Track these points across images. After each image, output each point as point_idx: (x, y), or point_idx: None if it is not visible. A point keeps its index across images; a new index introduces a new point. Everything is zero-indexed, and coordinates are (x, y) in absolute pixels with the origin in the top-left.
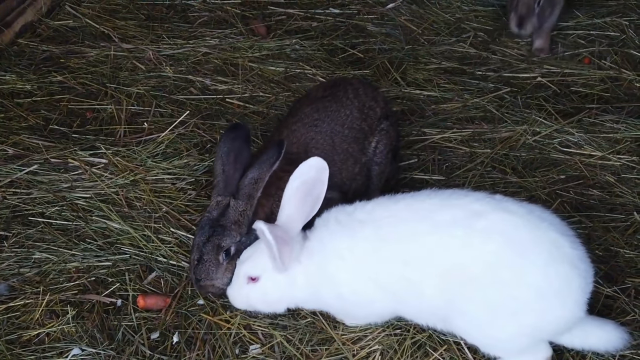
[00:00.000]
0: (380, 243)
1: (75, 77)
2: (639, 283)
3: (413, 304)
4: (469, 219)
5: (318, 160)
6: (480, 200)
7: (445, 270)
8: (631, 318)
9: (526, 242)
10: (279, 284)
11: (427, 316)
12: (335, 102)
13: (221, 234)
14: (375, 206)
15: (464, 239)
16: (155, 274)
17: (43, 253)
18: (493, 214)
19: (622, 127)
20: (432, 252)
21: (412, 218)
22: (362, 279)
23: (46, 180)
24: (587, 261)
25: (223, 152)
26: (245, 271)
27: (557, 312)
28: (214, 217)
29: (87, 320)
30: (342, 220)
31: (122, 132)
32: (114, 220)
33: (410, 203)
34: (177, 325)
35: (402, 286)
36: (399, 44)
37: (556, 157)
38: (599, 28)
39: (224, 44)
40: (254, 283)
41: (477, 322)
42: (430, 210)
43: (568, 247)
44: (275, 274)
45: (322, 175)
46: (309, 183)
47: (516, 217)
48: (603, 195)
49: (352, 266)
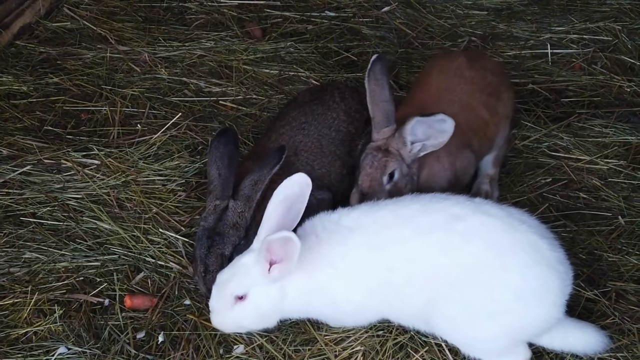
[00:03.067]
0: (370, 250)
1: (71, 78)
2: (620, 286)
3: (400, 307)
4: (450, 222)
5: (302, 177)
6: (460, 203)
7: (428, 272)
8: (611, 321)
9: (505, 244)
10: (270, 296)
11: (411, 318)
12: (322, 106)
13: (220, 242)
14: (361, 213)
15: (445, 241)
16: (143, 274)
17: (33, 253)
18: (473, 216)
19: (611, 132)
20: (417, 256)
21: (397, 224)
22: (355, 286)
23: (39, 180)
24: (566, 263)
25: (217, 156)
26: (231, 291)
27: (536, 313)
28: (210, 225)
29: (74, 319)
30: (330, 228)
31: (115, 133)
32: (104, 221)
33: (395, 209)
34: (163, 325)
35: (390, 291)
36: (393, 47)
37: (544, 160)
38: (592, 32)
39: (219, 47)
40: (242, 302)
41: (457, 323)
42: (413, 216)
43: (547, 250)
44: (264, 287)
45: (304, 191)
46: (292, 199)
47: (495, 220)
48: (589, 198)
49: (344, 274)
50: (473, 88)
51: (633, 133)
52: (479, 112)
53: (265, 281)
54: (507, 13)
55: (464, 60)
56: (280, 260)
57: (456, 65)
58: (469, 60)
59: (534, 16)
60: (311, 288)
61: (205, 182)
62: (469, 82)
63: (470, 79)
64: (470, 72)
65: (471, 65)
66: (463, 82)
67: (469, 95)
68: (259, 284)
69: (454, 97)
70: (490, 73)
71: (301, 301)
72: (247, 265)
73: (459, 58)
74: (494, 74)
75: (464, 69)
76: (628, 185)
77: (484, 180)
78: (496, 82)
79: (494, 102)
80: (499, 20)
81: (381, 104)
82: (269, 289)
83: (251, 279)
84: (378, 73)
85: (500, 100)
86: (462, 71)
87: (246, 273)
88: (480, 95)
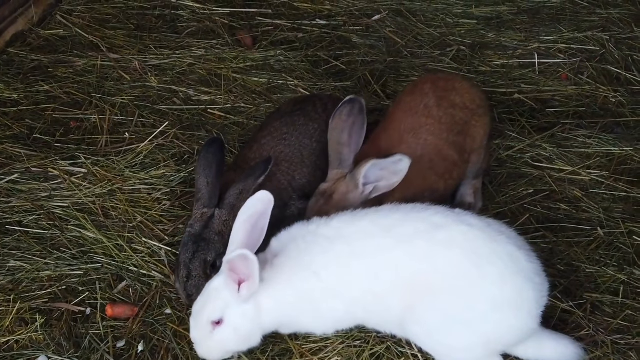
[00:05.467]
0: (352, 259)
1: (62, 86)
2: (596, 298)
3: (379, 314)
4: (431, 230)
5: (264, 194)
6: (440, 213)
7: (409, 280)
8: (585, 333)
9: (483, 254)
10: (246, 315)
11: (388, 325)
12: (304, 117)
13: (205, 248)
14: (341, 222)
15: (426, 249)
16: (126, 283)
17: (17, 261)
18: (453, 226)
19: (594, 143)
20: (398, 265)
21: (378, 233)
22: (339, 295)
23: (26, 189)
24: (543, 274)
25: (205, 165)
26: (207, 317)
27: (512, 323)
28: (197, 231)
29: (55, 328)
30: (309, 239)
31: (103, 141)
32: (89, 230)
33: (375, 219)
34: (143, 334)
35: (372, 299)
36: (382, 56)
37: (527, 171)
38: (580, 42)
39: (209, 55)
40: (220, 326)
41: (433, 330)
42: (394, 225)
43: (524, 261)
44: (239, 307)
45: (267, 209)
46: (256, 216)
47: (475, 230)
48: (570, 210)
49: (327, 283)
50: (441, 128)
51: (616, 144)
52: (446, 154)
53: (238, 301)
54: (497, 22)
55: (433, 99)
56: (247, 278)
57: (424, 104)
58: (438, 99)
59: (523, 25)
60: (293, 299)
61: (191, 191)
62: (437, 121)
63: (438, 119)
64: (438, 112)
65: (439, 103)
66: (430, 123)
67: (435, 136)
68: (232, 305)
69: (418, 139)
70: (460, 109)
71: (281, 313)
72: (217, 288)
73: (426, 96)
74: (464, 109)
75: (432, 108)
76: (609, 196)
77: (468, 191)
78: (468, 116)
79: (463, 140)
80: (488, 29)
81: (337, 147)
82: (244, 308)
83: (223, 301)
84: (345, 115)
85: (471, 135)
86: (429, 110)
87: (217, 296)
88: (449, 135)
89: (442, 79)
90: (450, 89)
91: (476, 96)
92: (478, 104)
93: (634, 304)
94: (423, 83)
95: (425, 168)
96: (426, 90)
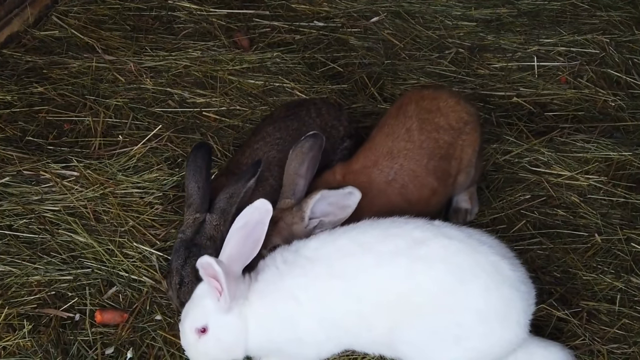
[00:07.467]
0: (332, 280)
1: (56, 88)
2: (592, 306)
3: (364, 337)
4: (412, 247)
5: (263, 203)
6: (419, 227)
7: (393, 299)
8: (581, 342)
9: (466, 267)
10: (230, 326)
11: (375, 345)
12: (297, 122)
13: (197, 254)
14: (320, 243)
15: (408, 267)
16: (116, 288)
17: (6, 266)
18: (434, 240)
19: (593, 147)
20: (381, 284)
21: (358, 251)
22: (318, 319)
23: (17, 192)
24: (529, 282)
25: (195, 171)
26: (190, 324)
27: (501, 334)
28: (188, 237)
29: (43, 334)
30: (289, 260)
31: (97, 144)
32: (79, 234)
33: (354, 236)
34: (133, 341)
35: (355, 321)
36: (380, 58)
37: (524, 176)
38: (580, 45)
39: (205, 57)
40: (205, 335)
41: (422, 348)
42: (374, 242)
43: (508, 270)
44: (223, 316)
45: (264, 218)
46: (251, 225)
47: (456, 242)
48: (567, 215)
49: (307, 307)
50: (421, 153)
51: (615, 149)
52: (423, 181)
53: (220, 310)
54: (497, 24)
55: (415, 122)
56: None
57: (406, 127)
58: (420, 122)
59: (523, 28)
60: (273, 322)
61: (183, 195)
62: (417, 146)
63: (419, 144)
64: (419, 136)
65: (422, 127)
66: (409, 148)
67: (414, 162)
68: (215, 313)
69: (393, 163)
70: (445, 131)
71: (262, 336)
72: (201, 295)
73: (409, 120)
74: (449, 130)
75: (413, 132)
76: (607, 201)
77: (463, 197)
78: (454, 137)
79: (446, 165)
80: (487, 31)
81: (294, 177)
82: (227, 319)
83: (205, 309)
84: (306, 148)
85: (457, 158)
86: (410, 134)
87: (199, 303)
88: (429, 161)
89: (427, 97)
90: (434, 109)
91: (463, 113)
92: (466, 120)
93: (631, 312)
94: (407, 104)
95: (394, 193)
96: (410, 112)
